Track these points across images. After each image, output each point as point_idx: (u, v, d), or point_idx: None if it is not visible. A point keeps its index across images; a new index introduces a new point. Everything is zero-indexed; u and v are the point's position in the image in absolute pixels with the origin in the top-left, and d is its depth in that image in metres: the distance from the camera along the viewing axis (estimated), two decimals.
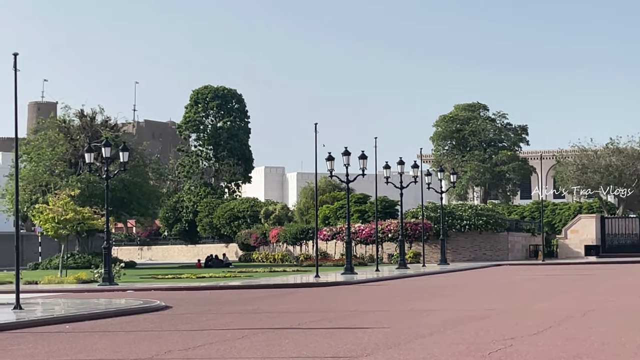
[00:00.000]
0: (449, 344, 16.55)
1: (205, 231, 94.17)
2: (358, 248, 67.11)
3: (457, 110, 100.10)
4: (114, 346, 17.24)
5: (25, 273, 52.34)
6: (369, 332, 18.60)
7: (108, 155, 41.21)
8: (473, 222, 67.50)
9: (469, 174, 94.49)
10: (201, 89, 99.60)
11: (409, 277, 45.88)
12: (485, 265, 59.92)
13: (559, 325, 19.34)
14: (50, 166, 68.16)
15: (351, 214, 63.44)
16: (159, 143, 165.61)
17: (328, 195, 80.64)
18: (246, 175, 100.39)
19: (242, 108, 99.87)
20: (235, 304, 27.93)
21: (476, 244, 68.43)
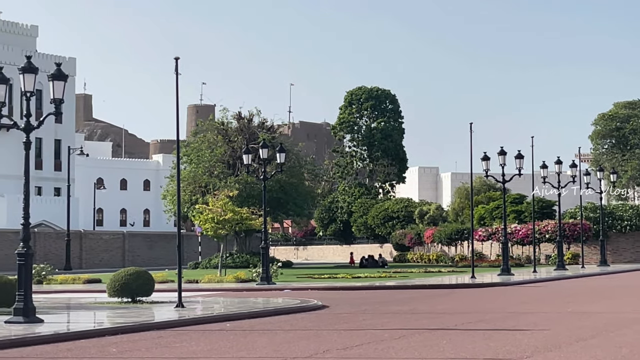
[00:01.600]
0: (612, 347, 16.18)
1: (359, 231, 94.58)
2: (514, 249, 66.17)
3: (616, 108, 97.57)
4: (273, 345, 17.53)
5: (186, 272, 53.70)
6: (528, 334, 18.34)
7: (265, 157, 41.88)
8: (634, 222, 65.64)
9: (629, 173, 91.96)
10: (355, 90, 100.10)
11: (568, 279, 44.97)
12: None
13: None
14: (209, 167, 69.69)
15: (507, 214, 62.56)
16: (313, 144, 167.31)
17: (483, 196, 79.81)
18: (400, 176, 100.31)
19: (396, 108, 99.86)
20: (392, 304, 27.97)
21: (638, 245, 66.51)
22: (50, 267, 46.07)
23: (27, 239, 21.75)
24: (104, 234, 78.63)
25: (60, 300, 31.54)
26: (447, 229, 73.27)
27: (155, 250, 77.41)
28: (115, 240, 76.54)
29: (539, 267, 54.30)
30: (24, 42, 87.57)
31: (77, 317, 25.09)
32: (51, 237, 71.79)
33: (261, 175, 42.37)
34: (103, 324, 22.69)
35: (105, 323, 22.78)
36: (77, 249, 71.75)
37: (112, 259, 74.02)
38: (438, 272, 52.16)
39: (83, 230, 76.64)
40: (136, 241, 77.84)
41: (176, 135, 27.95)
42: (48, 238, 71.19)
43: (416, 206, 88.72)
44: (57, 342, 18.30)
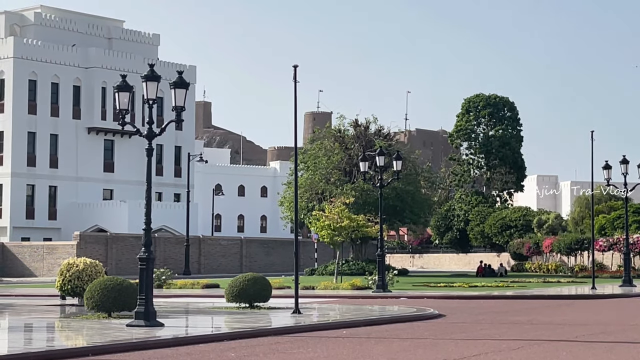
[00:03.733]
0: None
1: (476, 240, 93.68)
2: (636, 260, 64.59)
3: None
4: (389, 352, 17.48)
5: (302, 278, 53.93)
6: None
7: (382, 164, 41.86)
8: None
9: None
10: (473, 98, 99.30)
11: None
12: None
13: None
14: (325, 174, 70.00)
15: (629, 224, 61.13)
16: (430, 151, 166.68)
17: (604, 205, 78.20)
18: (518, 184, 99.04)
19: (514, 116, 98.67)
20: (509, 314, 27.63)
21: None
22: (169, 271, 46.86)
23: (149, 243, 22.20)
24: (222, 240, 79.64)
25: (179, 304, 32.10)
26: (566, 238, 71.99)
27: (272, 256, 78.08)
28: (233, 245, 77.46)
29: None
30: (146, 50, 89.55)
31: (196, 321, 25.49)
32: (171, 242, 73.09)
33: (377, 183, 42.36)
34: (221, 328, 22.98)
35: (223, 328, 23.07)
36: (196, 254, 72.87)
37: (229, 264, 74.93)
38: (557, 283, 51.30)
39: (202, 236, 77.81)
40: (253, 247, 78.64)
41: (294, 142, 28.19)
42: (168, 243, 72.50)
43: (534, 215, 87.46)
44: (177, 346, 18.62)
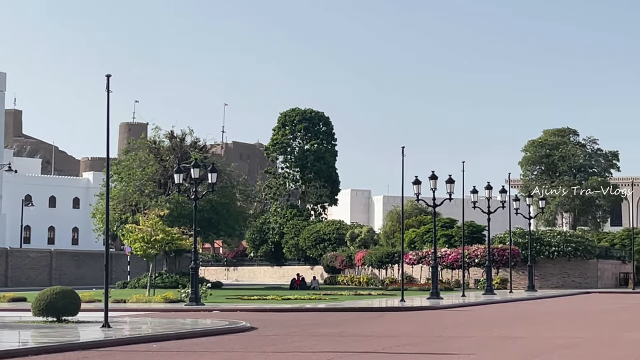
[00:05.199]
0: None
1: (290, 253, 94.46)
2: (444, 273, 66.64)
3: (546, 136, 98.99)
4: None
5: (114, 291, 53.10)
6: (454, 359, 18.43)
7: (197, 176, 41.65)
8: (562, 248, 66.51)
9: (557, 200, 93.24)
10: (289, 112, 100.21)
11: (496, 303, 45.37)
12: (573, 292, 58.97)
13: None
14: (140, 186, 69.10)
15: (437, 238, 63.01)
16: (246, 164, 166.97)
17: (414, 219, 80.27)
18: (332, 198, 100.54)
19: (329, 130, 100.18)
20: (321, 327, 27.93)
21: (564, 271, 67.39)
22: None
23: None
24: (31, 252, 77.42)
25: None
26: (378, 252, 73.54)
27: (83, 269, 76.46)
28: (42, 258, 75.41)
29: (467, 292, 54.76)
30: None
31: (1, 336, 24.61)
32: None
33: (192, 195, 42.13)
34: (27, 343, 22.28)
35: (30, 342, 22.38)
36: (3, 266, 70.58)
37: (38, 277, 72.89)
38: (368, 295, 52.26)
39: (9, 248, 75.37)
40: (64, 259, 76.79)
41: (106, 153, 27.68)
42: None
43: (348, 229, 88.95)
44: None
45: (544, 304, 45.89)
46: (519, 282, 64.36)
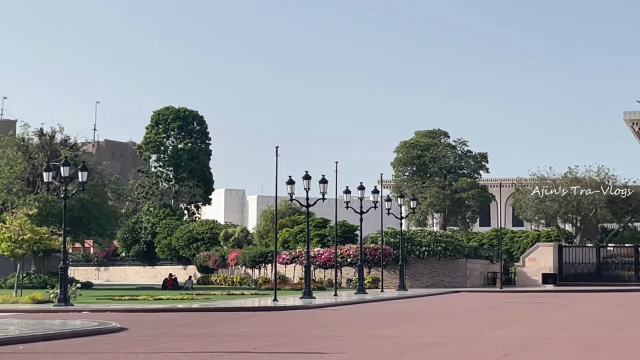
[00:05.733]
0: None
1: (163, 253, 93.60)
2: (317, 272, 67.01)
3: (417, 137, 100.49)
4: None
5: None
6: (325, 357, 18.53)
7: (67, 175, 40.88)
8: (432, 248, 67.65)
9: (428, 200, 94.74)
10: (162, 110, 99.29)
11: (367, 303, 45.84)
12: (443, 291, 60.03)
13: (515, 353, 19.41)
14: (7, 184, 67.51)
15: (311, 238, 63.37)
16: (118, 163, 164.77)
17: (288, 219, 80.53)
18: (206, 197, 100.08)
19: (204, 130, 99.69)
20: (193, 327, 27.74)
21: (435, 270, 68.57)
22: None
23: None
24: None
25: None
26: (251, 251, 73.49)
27: None
28: None
29: (340, 291, 55.19)
30: None
31: None
32: None
33: (62, 194, 41.32)
34: None
35: None
36: None
37: None
38: (241, 295, 52.19)
39: None
40: None
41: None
42: None
43: (221, 228, 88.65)
44: None
45: (414, 302, 46.59)
46: (390, 282, 65.20)
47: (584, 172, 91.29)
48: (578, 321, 30.95)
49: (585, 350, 20.54)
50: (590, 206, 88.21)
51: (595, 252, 73.77)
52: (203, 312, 36.54)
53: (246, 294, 53.21)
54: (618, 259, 73.39)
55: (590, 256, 73.47)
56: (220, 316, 33.71)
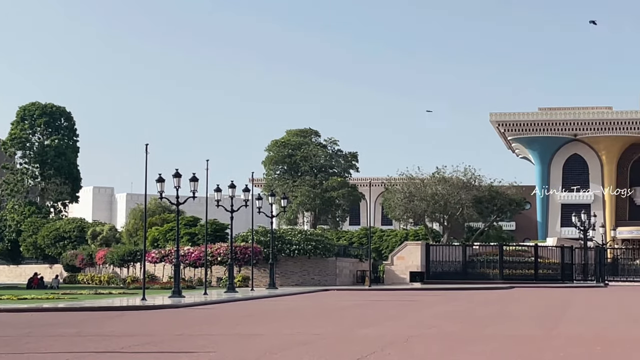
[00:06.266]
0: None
1: (28, 251, 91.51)
2: (187, 271, 66.55)
3: (289, 136, 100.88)
4: None
5: None
6: (194, 357, 18.40)
7: None
8: (302, 247, 67.94)
9: (299, 199, 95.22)
10: (28, 106, 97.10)
11: (237, 301, 45.75)
12: (313, 290, 60.36)
13: (382, 351, 19.63)
14: None
15: (181, 236, 62.91)
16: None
17: (158, 217, 79.75)
18: (73, 195, 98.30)
19: (71, 126, 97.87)
20: (58, 327, 27.17)
21: (305, 269, 68.89)
22: None
23: None
24: None
25: None
26: (120, 250, 72.51)
27: None
28: None
29: (210, 290, 54.94)
30: None
31: None
32: None
33: None
34: None
35: None
36: None
37: None
38: (109, 294, 51.41)
39: None
40: None
41: None
42: None
43: (89, 226, 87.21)
44: None
45: (284, 301, 46.70)
46: (260, 280, 65.21)
47: (452, 172, 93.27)
48: (444, 318, 31.52)
49: (451, 346, 20.93)
50: (457, 205, 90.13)
51: (462, 250, 75.27)
52: (69, 312, 35.85)
53: (114, 293, 52.45)
54: (483, 258, 75.02)
55: (456, 255, 74.92)
56: (87, 316, 33.13)
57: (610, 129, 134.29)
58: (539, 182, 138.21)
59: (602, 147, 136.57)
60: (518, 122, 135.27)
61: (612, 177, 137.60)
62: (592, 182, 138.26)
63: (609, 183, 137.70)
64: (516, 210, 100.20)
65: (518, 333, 24.77)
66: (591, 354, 19.33)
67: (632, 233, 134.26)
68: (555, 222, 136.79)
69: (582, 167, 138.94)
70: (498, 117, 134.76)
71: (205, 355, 18.65)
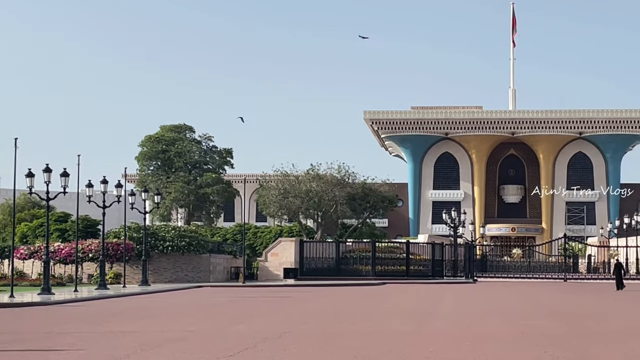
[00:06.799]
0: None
1: None
2: (57, 268, 65.30)
3: (163, 131, 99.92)
4: None
5: None
6: (63, 354, 18.08)
7: None
8: (176, 243, 67.44)
9: (173, 195, 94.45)
10: None
11: (109, 298, 45.12)
12: (186, 286, 59.97)
13: (255, 347, 19.66)
14: None
15: (51, 232, 61.74)
16: None
17: (27, 213, 78.08)
18: None
19: None
20: None
21: (178, 265, 68.40)
22: None
23: None
24: None
25: None
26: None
27: None
28: None
29: (81, 287, 54.06)
30: None
31: None
32: None
33: None
34: None
35: None
36: None
37: None
38: None
39: None
40: None
41: None
42: None
43: None
44: None
45: (157, 298, 46.27)
46: (133, 277, 64.49)
47: (326, 169, 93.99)
48: (317, 315, 31.74)
49: (323, 342, 21.09)
50: (331, 202, 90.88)
51: (335, 247, 75.90)
52: None
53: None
54: (357, 254, 75.85)
55: (330, 251, 75.51)
56: None
57: (480, 128, 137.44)
58: (411, 179, 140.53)
59: (472, 146, 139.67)
60: (391, 121, 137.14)
61: (481, 175, 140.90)
62: (463, 180, 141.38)
63: (478, 181, 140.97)
64: (389, 207, 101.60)
65: (388, 329, 25.12)
66: (460, 348, 19.75)
67: (501, 230, 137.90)
68: (426, 219, 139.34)
69: (453, 165, 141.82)
70: (372, 116, 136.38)
71: (74, 354, 18.34)
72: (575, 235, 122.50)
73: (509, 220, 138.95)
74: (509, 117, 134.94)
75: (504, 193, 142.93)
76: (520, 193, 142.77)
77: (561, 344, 20.82)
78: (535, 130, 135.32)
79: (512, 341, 21.54)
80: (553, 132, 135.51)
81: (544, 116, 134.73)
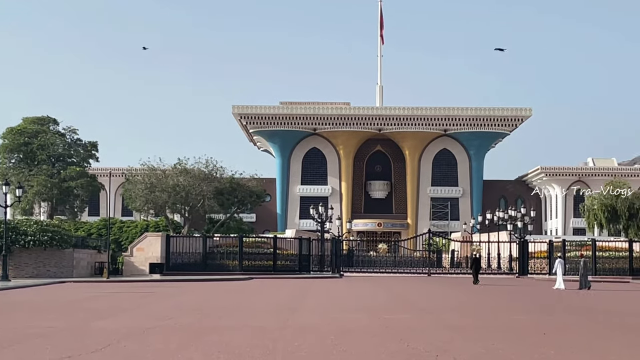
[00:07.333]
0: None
1: None
2: None
3: (25, 123, 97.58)
4: None
5: None
6: None
7: None
8: (38, 238, 65.93)
9: (35, 189, 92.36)
10: None
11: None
12: (49, 282, 58.73)
13: (119, 343, 19.38)
14: None
15: None
16: None
17: None
18: None
19: None
20: None
21: (40, 260, 66.89)
22: None
23: None
24: None
25: None
26: None
27: None
28: None
29: None
30: None
31: None
32: None
33: None
34: None
35: None
36: None
37: None
38: None
39: None
40: None
41: None
42: None
43: None
44: None
45: (16, 294, 45.15)
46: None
47: (194, 163, 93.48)
48: (182, 310, 31.49)
49: (187, 337, 20.92)
50: (198, 197, 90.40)
51: (202, 242, 75.42)
52: None
53: None
54: (224, 249, 75.52)
55: (197, 246, 75.00)
56: None
57: (348, 124, 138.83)
58: (280, 174, 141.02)
59: (340, 142, 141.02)
60: (260, 116, 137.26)
61: (349, 171, 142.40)
62: (330, 176, 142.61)
63: (346, 177, 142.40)
64: (257, 202, 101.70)
65: (254, 323, 25.10)
66: (324, 342, 19.86)
67: (367, 225, 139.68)
68: (294, 214, 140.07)
69: (321, 160, 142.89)
70: (240, 110, 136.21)
71: None
72: (439, 231, 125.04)
73: (376, 215, 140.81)
74: (376, 113, 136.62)
75: (371, 189, 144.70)
76: (387, 189, 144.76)
77: (423, 337, 21.17)
78: (401, 126, 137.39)
79: (375, 335, 21.79)
80: (418, 128, 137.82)
81: (410, 113, 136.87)
